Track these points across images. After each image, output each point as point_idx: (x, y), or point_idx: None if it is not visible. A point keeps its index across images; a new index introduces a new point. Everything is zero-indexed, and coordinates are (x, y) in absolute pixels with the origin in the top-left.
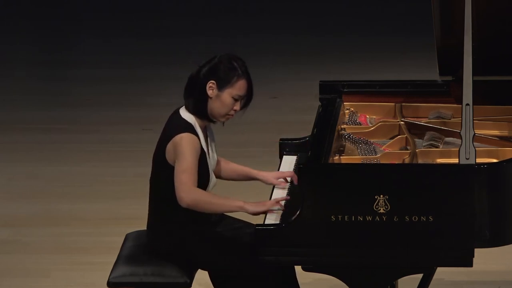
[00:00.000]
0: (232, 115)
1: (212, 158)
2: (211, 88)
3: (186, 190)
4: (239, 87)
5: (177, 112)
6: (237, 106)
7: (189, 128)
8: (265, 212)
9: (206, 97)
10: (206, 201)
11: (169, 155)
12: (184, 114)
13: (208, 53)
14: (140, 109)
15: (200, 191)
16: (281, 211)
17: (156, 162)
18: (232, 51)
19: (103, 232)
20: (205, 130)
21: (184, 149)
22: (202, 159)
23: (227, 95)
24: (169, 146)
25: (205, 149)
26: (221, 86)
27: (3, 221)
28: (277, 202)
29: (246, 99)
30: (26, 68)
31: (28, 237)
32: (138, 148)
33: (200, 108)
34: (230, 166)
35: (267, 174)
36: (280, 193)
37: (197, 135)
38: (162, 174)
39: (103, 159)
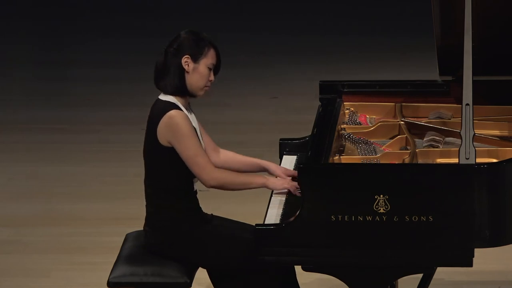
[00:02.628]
0: (209, 86)
1: (201, 141)
2: (186, 63)
3: (209, 172)
4: (211, 56)
5: (156, 100)
6: (211, 77)
7: (175, 106)
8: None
9: (183, 73)
10: (230, 181)
11: (161, 137)
12: (164, 97)
13: None
14: (140, 109)
15: (222, 171)
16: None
17: (148, 154)
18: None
19: (103, 232)
20: (189, 110)
21: (182, 129)
22: None
23: (203, 65)
24: (161, 127)
25: (196, 127)
26: (196, 59)
27: (3, 221)
28: (296, 188)
29: (216, 67)
30: (26, 68)
31: (28, 237)
32: (138, 148)
33: (179, 85)
34: (238, 158)
35: (276, 167)
36: (278, 199)
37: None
38: (159, 162)
39: (103, 159)
